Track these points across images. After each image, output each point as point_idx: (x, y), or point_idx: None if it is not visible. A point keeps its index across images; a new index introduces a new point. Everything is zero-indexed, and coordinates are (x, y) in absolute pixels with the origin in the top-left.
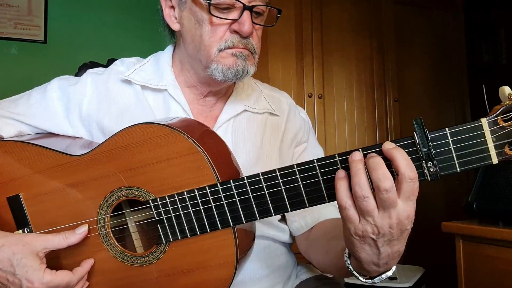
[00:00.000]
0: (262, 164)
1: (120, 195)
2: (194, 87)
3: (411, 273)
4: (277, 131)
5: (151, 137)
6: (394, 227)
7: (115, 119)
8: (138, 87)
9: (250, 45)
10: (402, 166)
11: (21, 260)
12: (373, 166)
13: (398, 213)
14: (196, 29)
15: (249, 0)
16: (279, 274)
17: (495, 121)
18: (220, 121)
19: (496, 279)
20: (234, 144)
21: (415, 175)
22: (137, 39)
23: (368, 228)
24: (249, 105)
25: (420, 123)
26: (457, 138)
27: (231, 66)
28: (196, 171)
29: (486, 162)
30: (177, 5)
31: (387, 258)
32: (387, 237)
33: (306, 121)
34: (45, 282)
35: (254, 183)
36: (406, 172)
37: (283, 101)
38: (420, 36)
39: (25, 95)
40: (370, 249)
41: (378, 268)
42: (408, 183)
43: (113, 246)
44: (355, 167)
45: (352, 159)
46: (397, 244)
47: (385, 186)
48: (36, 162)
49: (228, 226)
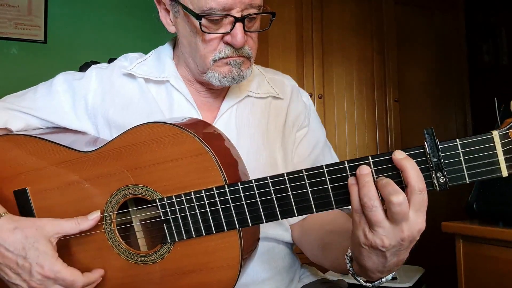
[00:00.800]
0: (267, 149)
1: (127, 193)
2: (193, 82)
3: (411, 273)
4: (280, 115)
5: (160, 137)
6: (405, 239)
7: (120, 112)
8: (141, 80)
9: (244, 52)
10: (412, 177)
11: (33, 244)
12: (383, 184)
13: (410, 226)
14: (191, 37)
15: (240, 10)
16: (281, 276)
17: (506, 134)
18: (223, 109)
19: (496, 279)
20: (238, 130)
21: (424, 186)
22: (137, 39)
23: (377, 241)
24: (251, 90)
25: (431, 133)
26: (467, 150)
27: (226, 75)
28: (204, 172)
29: (496, 175)
30: (171, 10)
31: (393, 266)
32: (396, 248)
33: (307, 105)
34: (55, 270)
35: (261, 186)
36: (416, 184)
37: (286, 84)
38: (420, 36)
39: (31, 90)
40: (377, 259)
41: (382, 274)
42: (418, 195)
43: (118, 243)
44: (363, 180)
45: (360, 173)
46: (404, 253)
47: (398, 200)
48: (44, 157)
49: (234, 228)
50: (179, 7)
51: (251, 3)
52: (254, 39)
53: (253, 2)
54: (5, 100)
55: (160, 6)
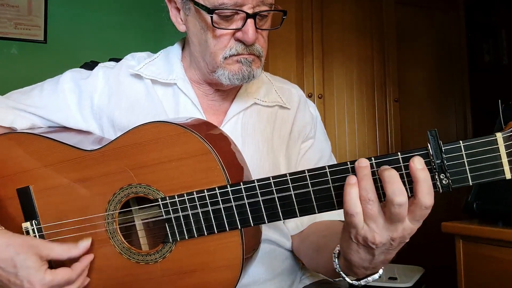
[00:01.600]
0: (271, 158)
1: (129, 192)
2: (201, 84)
3: (411, 273)
4: (286, 124)
5: (163, 136)
6: (396, 240)
7: (125, 113)
8: (148, 81)
9: (255, 50)
10: (422, 192)
11: (24, 262)
12: (388, 179)
13: (403, 228)
14: (202, 34)
15: (252, 6)
16: (282, 278)
17: (510, 136)
18: (229, 115)
19: (496, 279)
20: (244, 138)
21: (431, 204)
22: (137, 39)
23: (369, 236)
24: (259, 98)
25: (434, 135)
26: (471, 152)
27: (236, 73)
28: (206, 172)
29: (499, 177)
30: (182, 8)
31: (378, 264)
32: (386, 246)
33: (314, 116)
34: (46, 282)
35: (264, 187)
36: (424, 200)
37: (294, 93)
38: (421, 36)
39: (37, 86)
40: (365, 255)
41: (366, 271)
42: (423, 210)
43: (120, 242)
44: (361, 173)
45: (359, 165)
46: (392, 253)
47: (399, 201)
48: (47, 155)
49: (235, 228)
50: (190, 4)
51: (263, 0)
52: (264, 37)
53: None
54: (10, 97)
55: (170, 4)
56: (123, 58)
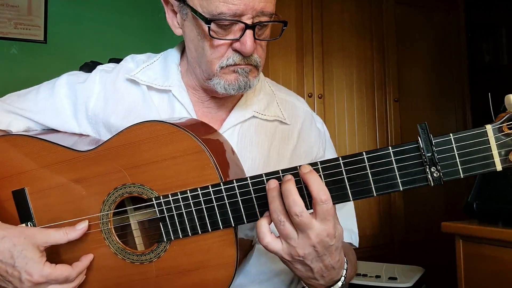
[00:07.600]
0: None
1: (123, 192)
2: (197, 90)
3: (411, 273)
4: (287, 141)
5: (157, 135)
6: (317, 245)
7: (122, 118)
8: (144, 86)
9: (253, 60)
10: (314, 190)
11: (21, 252)
12: (285, 193)
13: (316, 233)
14: (199, 41)
15: (251, 17)
16: (280, 279)
17: (500, 128)
18: (226, 126)
19: (496, 279)
20: (240, 150)
21: (326, 198)
22: (137, 39)
23: (293, 251)
24: (258, 111)
25: (424, 128)
26: (461, 144)
27: (232, 82)
28: (200, 170)
29: (490, 169)
30: (179, 12)
31: (322, 271)
32: (313, 255)
33: (322, 132)
34: (45, 275)
35: (257, 184)
36: (318, 195)
37: (298, 107)
38: (421, 36)
39: (33, 89)
40: (302, 267)
41: (318, 281)
42: (321, 205)
43: (115, 243)
44: (270, 195)
45: (268, 188)
46: (328, 257)
47: (295, 211)
48: (42, 157)
49: (229, 226)
50: (187, 9)
51: (263, 10)
52: (263, 47)
53: (265, 10)
54: (6, 100)
55: (167, 6)
56: (123, 60)
